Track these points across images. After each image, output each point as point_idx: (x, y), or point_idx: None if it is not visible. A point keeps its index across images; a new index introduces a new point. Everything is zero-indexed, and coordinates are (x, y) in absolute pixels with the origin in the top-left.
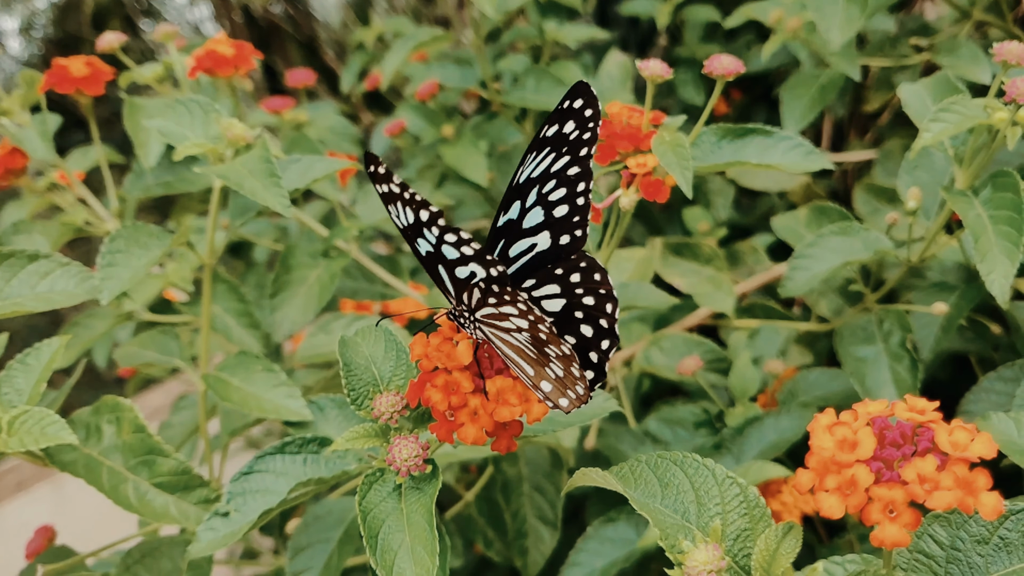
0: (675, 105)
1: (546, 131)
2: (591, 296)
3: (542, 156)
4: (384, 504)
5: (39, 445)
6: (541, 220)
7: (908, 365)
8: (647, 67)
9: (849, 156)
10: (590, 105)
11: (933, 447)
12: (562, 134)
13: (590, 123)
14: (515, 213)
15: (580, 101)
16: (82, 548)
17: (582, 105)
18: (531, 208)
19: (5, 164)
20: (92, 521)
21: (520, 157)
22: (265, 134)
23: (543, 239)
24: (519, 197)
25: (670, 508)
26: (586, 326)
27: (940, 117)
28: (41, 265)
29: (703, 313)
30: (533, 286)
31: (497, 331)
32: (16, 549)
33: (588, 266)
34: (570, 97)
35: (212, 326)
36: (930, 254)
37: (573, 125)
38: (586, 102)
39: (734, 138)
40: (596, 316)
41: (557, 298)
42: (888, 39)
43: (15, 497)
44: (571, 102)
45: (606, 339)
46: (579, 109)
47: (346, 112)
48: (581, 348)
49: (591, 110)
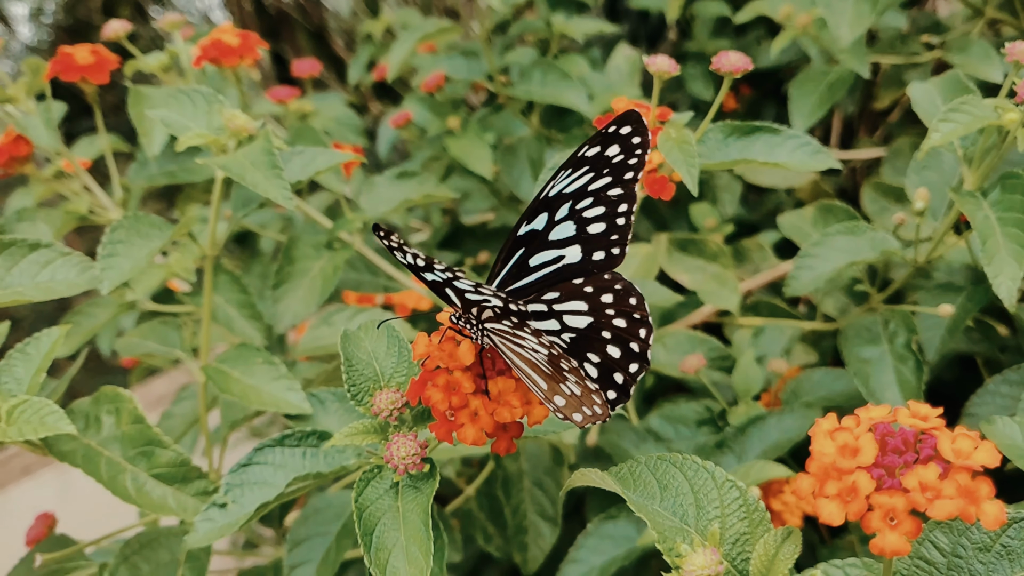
0: (684, 100)
1: (586, 151)
2: (623, 319)
3: (579, 174)
4: (381, 502)
5: (38, 435)
6: (572, 234)
7: (913, 367)
8: (654, 63)
9: (858, 154)
10: (639, 133)
11: (935, 455)
12: (604, 156)
13: (637, 150)
14: (540, 224)
15: (628, 128)
16: (86, 533)
17: (630, 132)
18: (561, 222)
19: (9, 152)
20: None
21: (523, 152)
22: (269, 125)
23: (573, 252)
24: (547, 210)
25: (669, 510)
26: (613, 347)
27: (950, 117)
28: (42, 254)
29: (707, 310)
30: (556, 299)
31: (508, 342)
32: (22, 532)
33: (624, 289)
34: (618, 123)
35: (214, 317)
36: (937, 255)
37: (618, 149)
38: (635, 130)
39: (741, 135)
40: (627, 339)
41: (583, 315)
42: (899, 36)
43: (21, 481)
44: (619, 128)
45: (635, 362)
46: (626, 135)
47: (354, 103)
48: (606, 368)
49: (639, 138)
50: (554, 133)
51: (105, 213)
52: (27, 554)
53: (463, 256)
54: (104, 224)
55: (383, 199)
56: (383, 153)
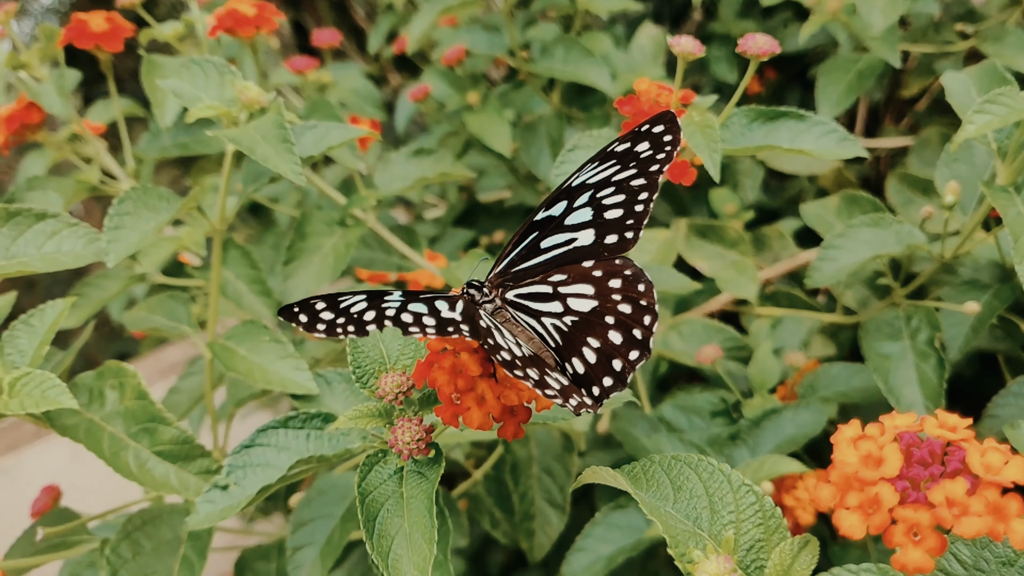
0: (707, 82)
1: (615, 147)
2: (629, 305)
3: (605, 167)
4: (384, 487)
5: (39, 408)
6: (588, 219)
7: (935, 364)
8: (678, 44)
9: (884, 142)
10: (671, 132)
11: (964, 468)
12: (633, 152)
13: (667, 147)
14: (558, 211)
15: (661, 127)
16: (96, 498)
17: (662, 131)
18: (579, 208)
19: (21, 119)
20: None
21: (543, 130)
22: (284, 97)
23: (586, 236)
24: (567, 198)
25: (682, 513)
26: (616, 332)
27: (986, 109)
28: (48, 224)
29: (725, 298)
30: (562, 281)
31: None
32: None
33: (633, 275)
34: (651, 123)
35: (223, 292)
36: (965, 251)
37: (647, 145)
38: (667, 129)
39: (766, 121)
40: (630, 325)
41: (588, 299)
42: (932, 24)
43: (34, 444)
44: (652, 127)
45: (636, 350)
46: (658, 134)
47: (374, 74)
48: (605, 354)
49: (671, 136)
50: (575, 111)
51: (116, 183)
52: (29, 527)
53: (478, 234)
54: (115, 194)
55: (398, 176)
56: (401, 127)
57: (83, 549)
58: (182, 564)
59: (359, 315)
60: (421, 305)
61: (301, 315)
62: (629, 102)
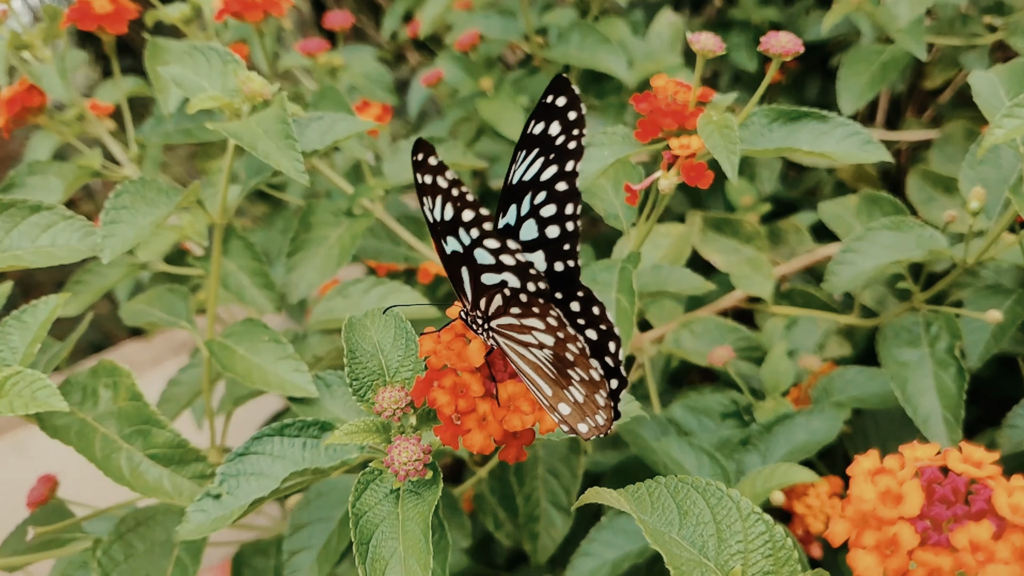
0: (726, 69)
1: (532, 127)
2: (593, 331)
3: (532, 158)
4: (380, 507)
5: (29, 410)
6: (536, 237)
7: (954, 374)
8: (698, 41)
9: (905, 135)
10: (573, 107)
11: (989, 509)
12: (548, 136)
13: (574, 129)
14: (512, 219)
15: (563, 99)
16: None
17: (565, 105)
18: (526, 218)
19: (22, 101)
20: None
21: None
22: (283, 92)
23: (539, 259)
24: (515, 200)
25: (687, 540)
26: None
27: (1015, 113)
28: (43, 217)
29: (739, 295)
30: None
31: (514, 343)
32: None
33: (586, 296)
34: (552, 92)
35: (225, 285)
36: (989, 257)
37: (559, 128)
38: (569, 102)
39: (786, 121)
40: (601, 353)
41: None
42: (959, 16)
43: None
44: (554, 98)
45: (614, 378)
46: (562, 108)
47: (390, 55)
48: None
49: (575, 113)
50: (590, 99)
51: (118, 169)
52: (18, 527)
53: None
54: (117, 180)
55: (407, 165)
56: (414, 112)
57: (76, 548)
58: (175, 567)
59: None
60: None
61: (430, 158)
62: (645, 99)
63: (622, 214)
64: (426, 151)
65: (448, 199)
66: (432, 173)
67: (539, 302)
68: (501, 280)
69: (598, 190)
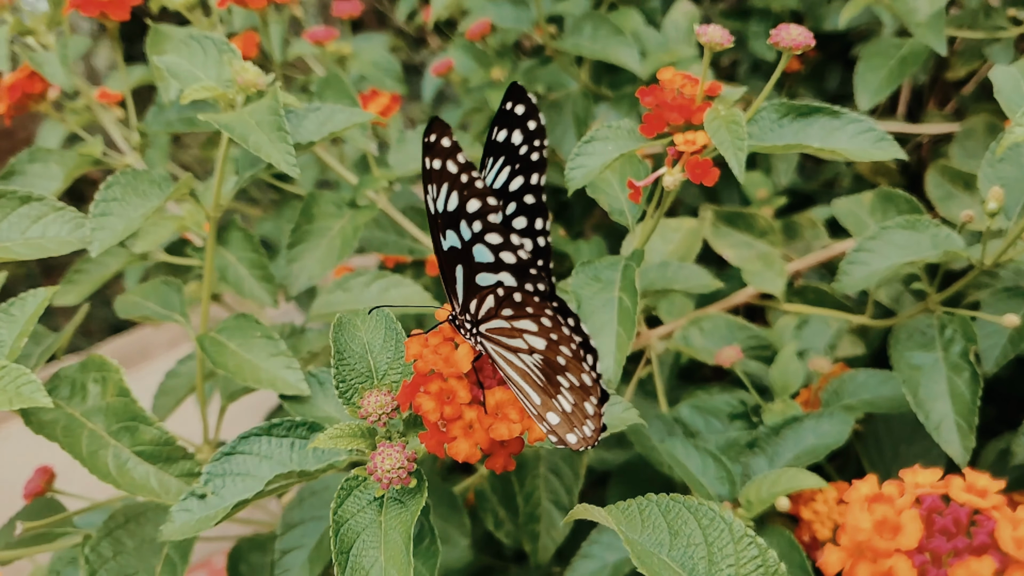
0: (745, 58)
1: (496, 134)
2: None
3: (500, 166)
4: (362, 515)
5: (12, 406)
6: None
7: (968, 379)
8: (705, 33)
9: (926, 128)
10: (532, 116)
11: (992, 543)
12: (512, 144)
13: (535, 140)
14: None
15: (522, 108)
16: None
17: (525, 113)
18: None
19: (23, 88)
20: None
21: (568, 108)
22: (278, 83)
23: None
24: None
25: (677, 562)
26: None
27: None
28: (33, 208)
29: (751, 291)
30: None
31: (502, 349)
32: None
33: (560, 306)
34: (510, 99)
35: (224, 277)
36: (1007, 258)
37: (521, 137)
38: (528, 111)
39: (797, 117)
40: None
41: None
42: (982, 8)
43: None
44: (513, 105)
45: (594, 395)
46: (522, 117)
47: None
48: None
49: (534, 122)
50: (604, 90)
51: (120, 158)
52: (7, 523)
53: None
54: (118, 168)
55: (413, 156)
56: (427, 100)
57: (65, 543)
58: (164, 564)
59: None
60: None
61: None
62: (652, 92)
63: (628, 210)
64: (440, 131)
65: (455, 186)
66: (443, 156)
67: (534, 301)
68: (496, 281)
69: (604, 184)
